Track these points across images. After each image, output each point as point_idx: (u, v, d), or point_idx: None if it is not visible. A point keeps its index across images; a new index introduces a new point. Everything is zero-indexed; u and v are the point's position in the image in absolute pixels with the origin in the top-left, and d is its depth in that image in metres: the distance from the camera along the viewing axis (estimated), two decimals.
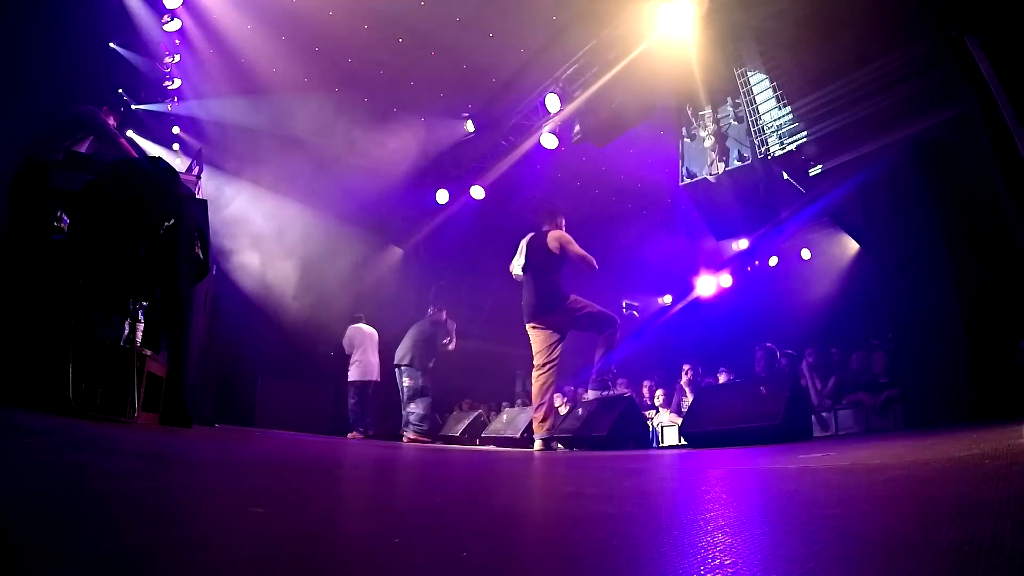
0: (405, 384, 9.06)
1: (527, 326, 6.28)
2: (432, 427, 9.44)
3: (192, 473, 2.06)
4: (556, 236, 6.21)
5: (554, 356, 6.12)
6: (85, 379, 3.54)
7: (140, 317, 4.14)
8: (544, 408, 5.97)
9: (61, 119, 5.62)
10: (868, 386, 7.33)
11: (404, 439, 8.85)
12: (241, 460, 2.83)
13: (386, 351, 10.63)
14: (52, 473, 1.50)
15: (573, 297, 6.16)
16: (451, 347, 9.64)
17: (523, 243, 6.42)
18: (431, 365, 9.36)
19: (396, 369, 9.26)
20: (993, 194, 5.06)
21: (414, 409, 8.98)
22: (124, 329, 3.97)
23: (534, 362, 6.18)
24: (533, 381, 6.15)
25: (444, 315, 9.63)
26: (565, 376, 10.94)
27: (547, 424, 5.96)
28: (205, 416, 6.17)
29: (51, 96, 6.10)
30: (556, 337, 6.14)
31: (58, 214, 4.48)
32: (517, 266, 6.38)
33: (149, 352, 4.10)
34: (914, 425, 5.90)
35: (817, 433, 6.39)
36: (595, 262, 6.17)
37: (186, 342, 4.32)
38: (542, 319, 6.15)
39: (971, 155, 5.51)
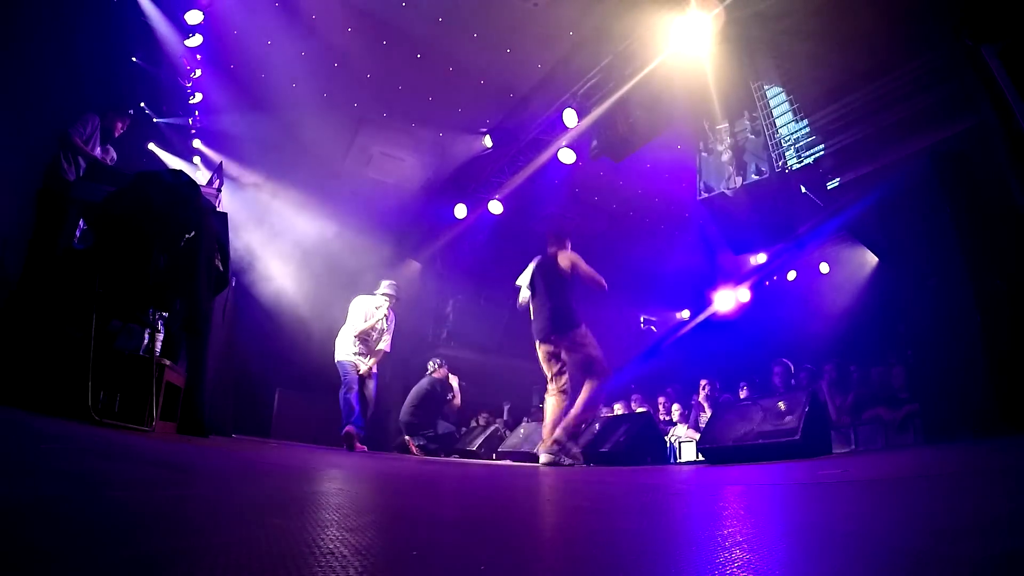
0: (417, 444, 8.95)
1: (538, 346, 6.21)
2: (447, 442, 9.37)
3: (210, 482, 2.07)
4: (566, 256, 6.18)
5: (563, 385, 6.03)
6: (104, 387, 3.58)
7: (159, 327, 4.18)
8: (550, 427, 5.90)
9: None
10: (887, 401, 7.24)
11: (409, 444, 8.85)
12: (258, 470, 2.84)
13: (403, 367, 10.64)
14: (72, 479, 1.52)
15: (584, 329, 6.06)
16: (456, 403, 9.56)
17: (531, 267, 6.39)
18: (439, 421, 9.30)
19: (401, 426, 9.21)
20: (1012, 204, 5.01)
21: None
22: (143, 339, 4.02)
23: (548, 387, 6.14)
24: (546, 399, 6.11)
25: (446, 371, 9.58)
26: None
27: (555, 440, 5.87)
28: (222, 427, 6.20)
29: (76, 109, 6.20)
30: (561, 363, 6.06)
31: (78, 224, 4.56)
32: (525, 284, 6.35)
33: (168, 362, 4.13)
34: (934, 440, 5.82)
35: (836, 449, 6.32)
36: (604, 282, 6.11)
37: (204, 353, 4.34)
38: (552, 339, 6.08)
39: (989, 165, 5.46)
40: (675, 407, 9.50)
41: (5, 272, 6.11)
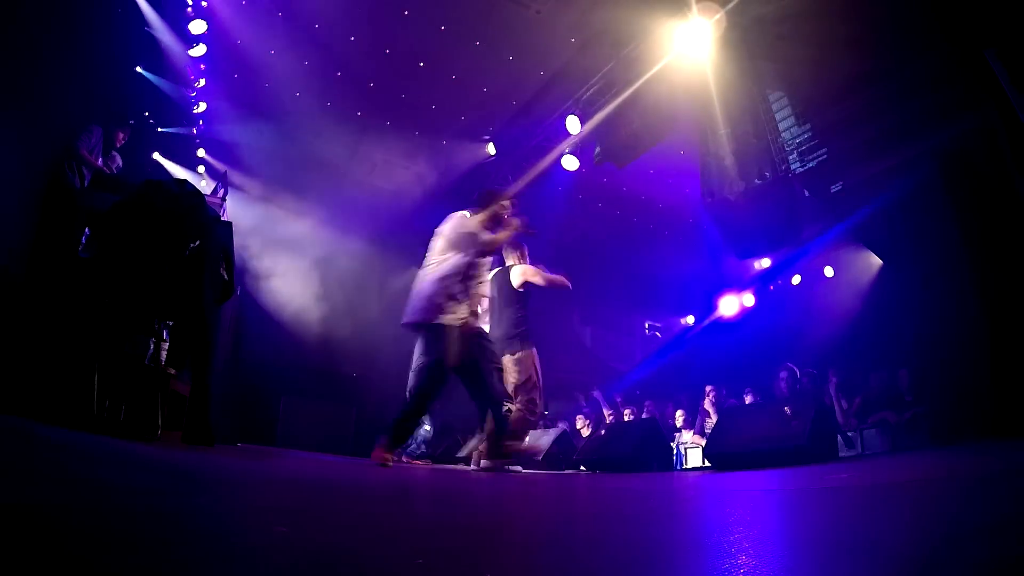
0: (412, 453, 8.69)
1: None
2: (448, 448, 9.27)
3: (215, 491, 2.07)
4: (521, 273, 5.98)
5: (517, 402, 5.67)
6: (109, 396, 3.59)
7: (165, 336, 4.19)
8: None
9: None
10: (893, 404, 7.20)
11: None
12: (264, 479, 2.84)
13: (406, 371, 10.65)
14: (77, 487, 1.52)
15: (527, 353, 5.82)
16: None
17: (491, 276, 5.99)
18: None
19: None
20: (1017, 205, 5.00)
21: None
22: (149, 348, 4.02)
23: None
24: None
25: None
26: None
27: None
28: (227, 435, 6.20)
29: (80, 119, 6.23)
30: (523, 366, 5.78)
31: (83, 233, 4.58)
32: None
33: (173, 371, 4.14)
34: (940, 443, 5.80)
35: (843, 453, 6.29)
36: (567, 281, 5.97)
37: (210, 362, 4.35)
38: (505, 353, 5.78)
39: (993, 167, 5.46)
40: (679, 413, 9.47)
41: (10, 281, 6.13)
